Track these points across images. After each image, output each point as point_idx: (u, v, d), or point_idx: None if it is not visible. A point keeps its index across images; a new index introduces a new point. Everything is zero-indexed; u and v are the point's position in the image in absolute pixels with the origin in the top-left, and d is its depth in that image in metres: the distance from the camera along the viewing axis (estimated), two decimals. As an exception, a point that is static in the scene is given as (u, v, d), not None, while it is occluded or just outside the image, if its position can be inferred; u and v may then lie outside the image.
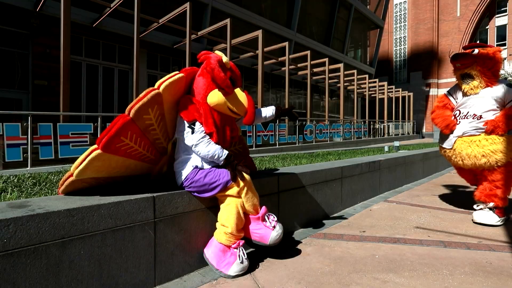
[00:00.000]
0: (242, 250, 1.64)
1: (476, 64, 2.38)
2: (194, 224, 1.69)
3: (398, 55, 37.01)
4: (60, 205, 1.26)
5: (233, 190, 1.62)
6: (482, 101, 2.41)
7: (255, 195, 1.70)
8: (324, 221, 2.64)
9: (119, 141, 1.37)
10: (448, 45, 33.67)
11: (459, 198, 3.55)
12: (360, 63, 24.51)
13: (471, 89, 2.44)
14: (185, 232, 1.65)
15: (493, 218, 2.43)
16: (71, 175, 1.38)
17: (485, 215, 2.45)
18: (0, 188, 1.80)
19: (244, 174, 1.64)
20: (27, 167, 4.58)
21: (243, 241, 1.67)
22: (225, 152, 1.64)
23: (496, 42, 33.12)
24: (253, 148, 8.25)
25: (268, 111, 2.00)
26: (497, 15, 33.00)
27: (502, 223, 2.45)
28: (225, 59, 1.68)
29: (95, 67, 10.50)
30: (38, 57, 9.01)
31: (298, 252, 1.96)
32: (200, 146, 1.59)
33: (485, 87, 2.42)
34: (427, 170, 5.38)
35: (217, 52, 1.72)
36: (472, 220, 2.51)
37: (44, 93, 9.07)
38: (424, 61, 33.92)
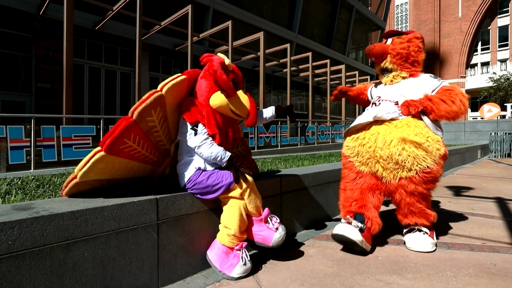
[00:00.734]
0: (245, 252, 1.64)
1: (390, 57, 2.09)
2: (197, 226, 1.69)
3: (399, 56, 36.94)
4: (64, 207, 1.27)
5: (236, 192, 1.62)
6: (405, 90, 2.05)
7: (258, 197, 1.70)
8: (326, 223, 2.63)
9: (122, 143, 1.38)
10: (449, 46, 33.63)
11: (462, 200, 3.54)
12: (362, 64, 24.50)
13: (391, 80, 2.12)
14: (188, 234, 1.65)
15: (428, 243, 1.92)
16: (75, 177, 1.38)
17: (419, 239, 1.94)
18: (4, 191, 1.81)
19: (247, 176, 1.64)
20: (31, 169, 4.60)
21: (246, 243, 1.67)
22: (228, 153, 1.64)
23: (498, 42, 33.03)
24: (255, 150, 8.25)
25: (268, 112, 2.01)
26: (499, 16, 32.94)
27: (435, 247, 1.98)
28: (227, 61, 1.68)
29: (97, 69, 10.57)
30: (41, 60, 9.08)
31: (301, 254, 1.96)
32: (203, 148, 1.60)
33: (407, 77, 2.10)
34: (429, 171, 5.34)
35: (219, 54, 1.73)
36: (406, 246, 2.02)
37: (47, 96, 9.13)
38: (425, 62, 33.82)
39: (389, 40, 2.13)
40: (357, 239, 1.84)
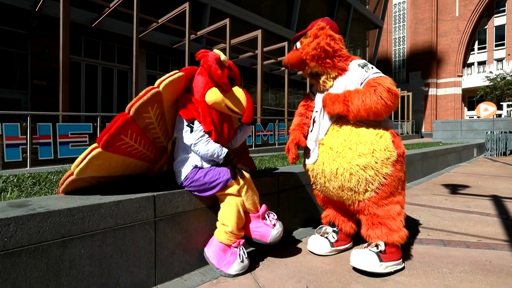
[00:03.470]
0: (242, 249, 1.64)
1: (308, 62, 1.81)
2: (194, 223, 1.69)
3: (397, 55, 37.04)
4: (61, 204, 1.26)
5: (233, 189, 1.62)
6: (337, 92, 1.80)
7: (255, 193, 1.70)
8: (324, 220, 2.63)
9: (119, 139, 1.37)
10: (447, 45, 33.72)
11: (458, 197, 3.56)
12: (359, 63, 24.49)
13: (322, 84, 1.87)
14: (186, 231, 1.65)
15: (373, 262, 1.60)
16: (72, 174, 1.38)
17: (364, 256, 1.63)
18: (0, 188, 1.80)
19: (244, 173, 1.64)
20: (27, 167, 4.57)
21: (243, 240, 1.67)
22: (225, 150, 1.64)
23: (495, 41, 33.19)
24: (253, 148, 8.25)
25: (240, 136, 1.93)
26: (495, 15, 33.06)
27: (393, 269, 1.64)
28: (223, 57, 1.67)
29: (94, 67, 10.49)
30: (37, 57, 9.00)
31: (298, 251, 1.97)
32: (199, 145, 1.59)
33: (337, 76, 1.83)
34: (426, 170, 5.38)
35: (215, 50, 1.72)
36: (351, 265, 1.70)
37: (43, 93, 9.06)
38: (423, 61, 33.98)
39: (298, 44, 1.87)
40: (325, 252, 1.91)
